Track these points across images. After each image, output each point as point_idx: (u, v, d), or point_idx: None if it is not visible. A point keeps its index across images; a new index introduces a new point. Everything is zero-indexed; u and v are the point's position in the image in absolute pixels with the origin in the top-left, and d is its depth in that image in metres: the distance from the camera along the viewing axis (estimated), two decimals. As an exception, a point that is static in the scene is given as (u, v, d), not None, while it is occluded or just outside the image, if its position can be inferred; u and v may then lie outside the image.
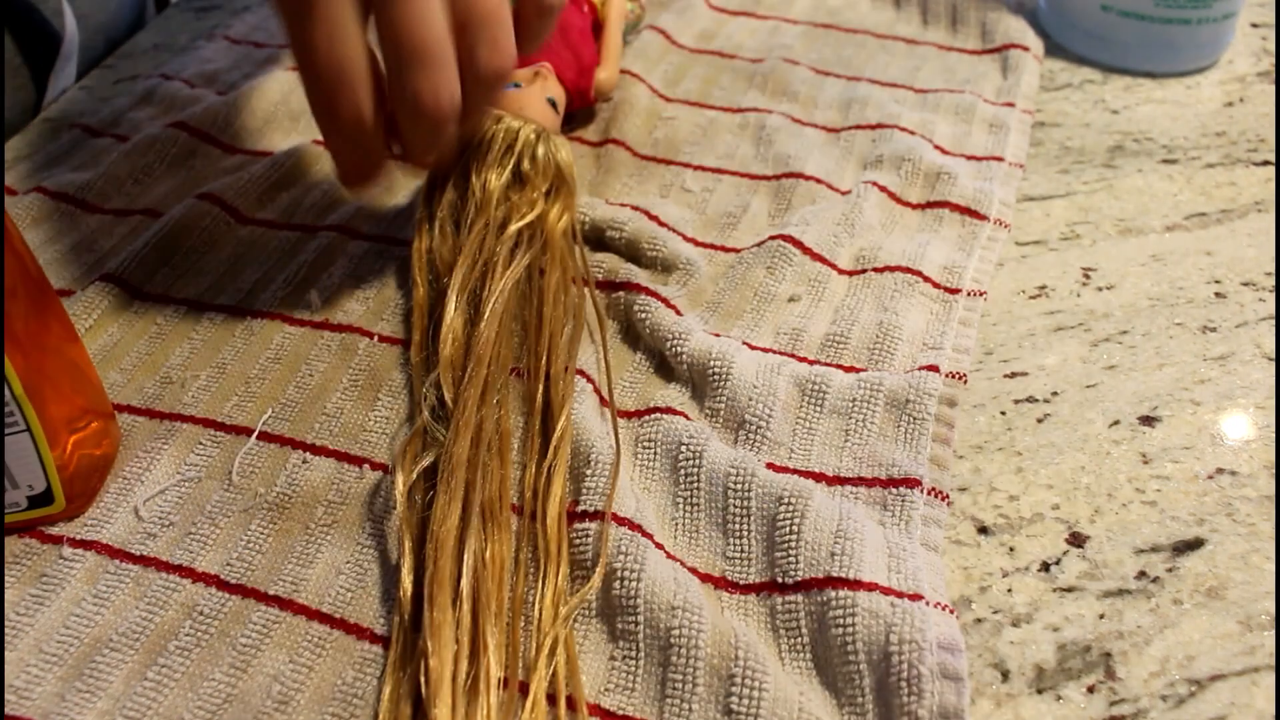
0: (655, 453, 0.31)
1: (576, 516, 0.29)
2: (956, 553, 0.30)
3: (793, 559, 0.28)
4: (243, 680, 0.26)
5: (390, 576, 0.28)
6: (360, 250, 0.39)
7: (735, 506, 0.30)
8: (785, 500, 0.29)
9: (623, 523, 0.29)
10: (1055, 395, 0.35)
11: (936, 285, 0.38)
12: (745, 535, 0.29)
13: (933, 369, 0.33)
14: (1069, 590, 0.29)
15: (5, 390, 0.27)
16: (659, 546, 0.29)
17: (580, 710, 0.25)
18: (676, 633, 0.26)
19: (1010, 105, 0.48)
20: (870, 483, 0.31)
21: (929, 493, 0.30)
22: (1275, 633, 0.28)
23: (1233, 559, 0.30)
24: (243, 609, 0.27)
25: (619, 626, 0.27)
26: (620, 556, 0.28)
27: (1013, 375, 0.36)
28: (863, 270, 0.38)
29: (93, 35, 0.54)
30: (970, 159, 0.45)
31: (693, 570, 0.29)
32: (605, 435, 0.31)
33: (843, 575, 0.27)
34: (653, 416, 0.32)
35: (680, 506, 0.30)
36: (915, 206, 0.42)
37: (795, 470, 0.31)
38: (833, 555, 0.27)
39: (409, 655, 0.26)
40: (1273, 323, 0.37)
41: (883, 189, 0.42)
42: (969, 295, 0.37)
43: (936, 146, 0.45)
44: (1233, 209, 0.43)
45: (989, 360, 0.36)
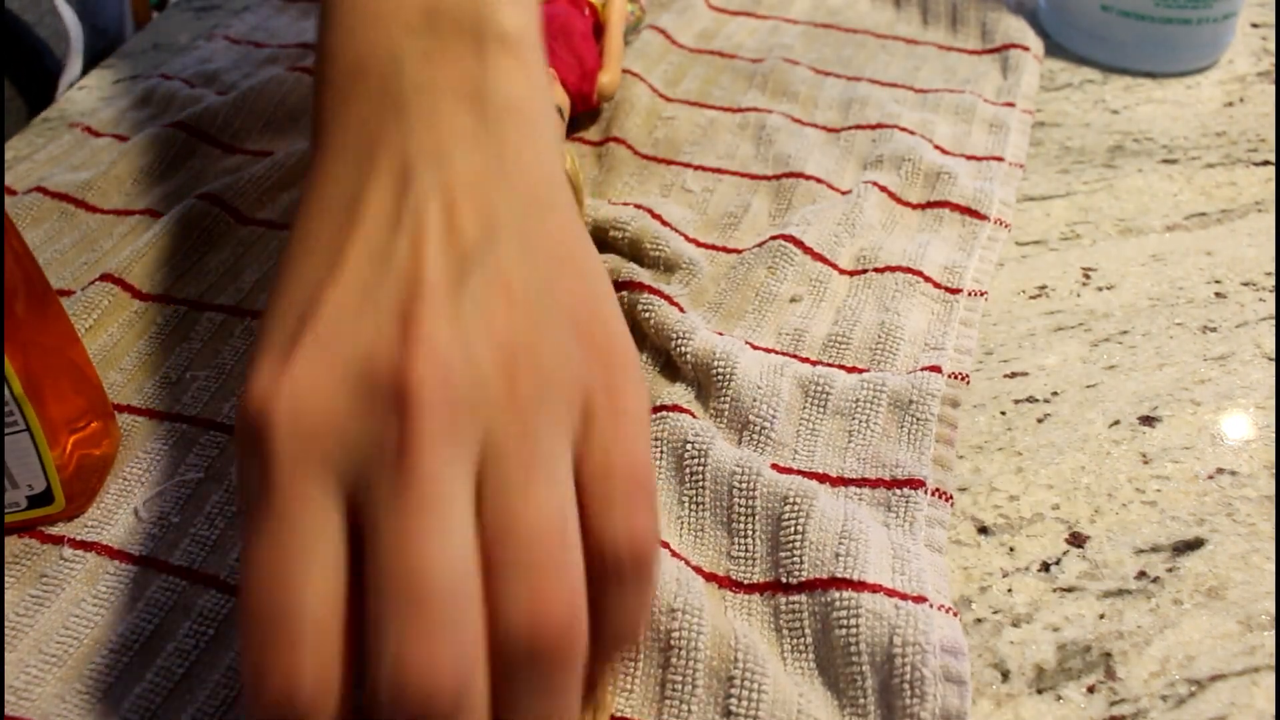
0: (661, 451, 0.31)
1: None
2: (956, 553, 0.30)
3: (797, 559, 0.28)
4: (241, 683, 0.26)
5: None
6: (360, 250, 0.39)
7: (740, 506, 0.30)
8: (790, 500, 0.29)
9: None
10: (1055, 395, 0.35)
11: (937, 285, 0.38)
12: (750, 535, 0.29)
13: (935, 369, 0.33)
14: (1069, 590, 0.29)
15: (5, 390, 0.27)
16: (664, 545, 0.29)
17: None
18: (676, 634, 0.26)
19: (1010, 105, 0.48)
20: (874, 483, 0.31)
21: (932, 493, 0.30)
22: (1275, 633, 0.28)
23: (1233, 559, 0.30)
24: None
25: None
26: None
27: (1013, 375, 0.36)
28: (863, 270, 0.38)
29: (87, 31, 0.54)
30: (970, 159, 0.45)
31: (697, 569, 0.29)
32: None
33: (847, 576, 0.27)
34: (659, 415, 0.32)
35: (685, 505, 0.30)
36: (915, 206, 0.42)
37: (799, 471, 0.31)
38: (837, 556, 0.27)
39: None
40: (1273, 323, 0.37)
41: (883, 189, 0.42)
42: (970, 295, 0.37)
43: (936, 146, 0.45)
44: (1233, 209, 0.43)
45: (989, 360, 0.36)
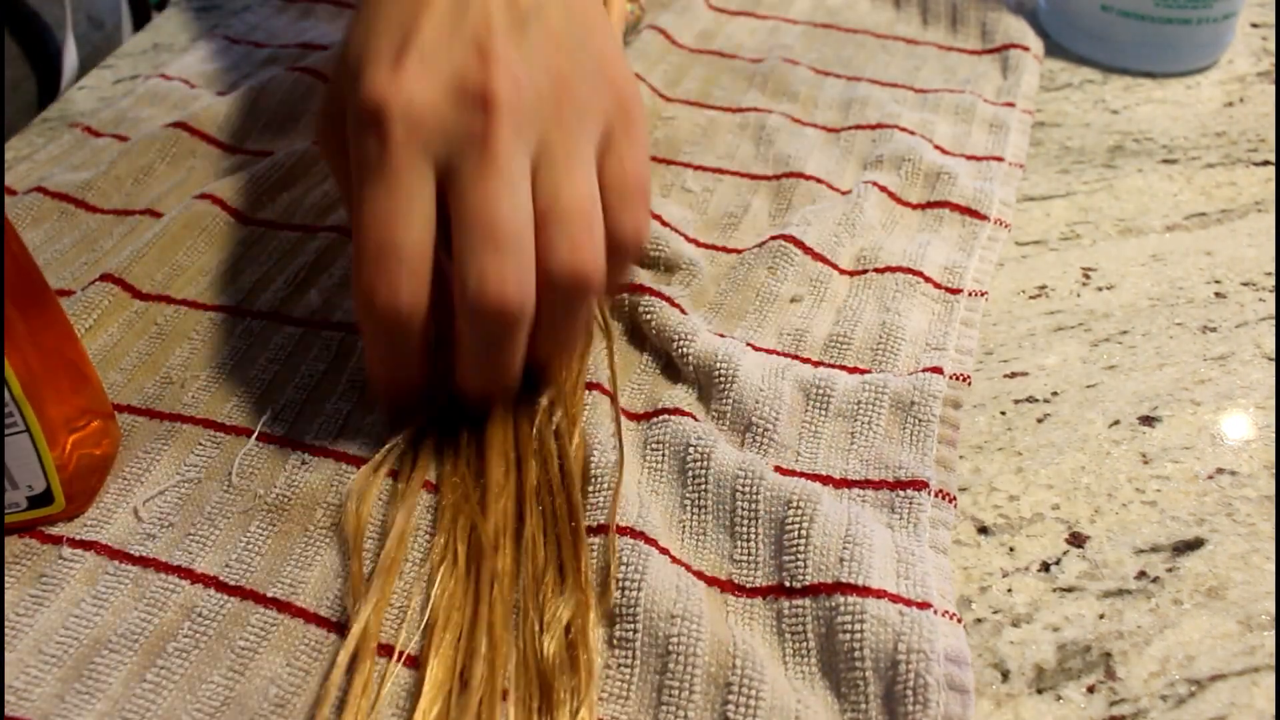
0: (663, 455, 0.31)
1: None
2: (956, 553, 0.30)
3: (801, 563, 0.28)
4: (240, 683, 0.26)
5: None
6: (360, 250, 0.39)
7: (743, 509, 0.29)
8: (794, 504, 0.29)
9: (624, 532, 0.29)
10: (1055, 395, 0.35)
11: (938, 286, 0.38)
12: (753, 538, 0.29)
13: (937, 370, 0.33)
14: (1069, 590, 0.29)
15: (5, 390, 0.27)
16: (664, 551, 0.28)
17: None
18: (675, 640, 0.26)
19: (1010, 105, 0.48)
20: (877, 485, 0.30)
21: (936, 494, 0.30)
22: (1275, 633, 0.28)
23: (1233, 559, 0.30)
24: (241, 611, 0.27)
25: (616, 634, 0.27)
26: (622, 567, 0.28)
27: (1013, 375, 0.35)
28: (864, 270, 0.38)
29: (74, 15, 0.54)
30: (970, 159, 0.45)
31: (699, 573, 0.29)
32: (611, 449, 0.31)
33: (852, 581, 0.27)
34: (660, 418, 0.32)
35: (688, 509, 0.30)
36: (915, 206, 0.42)
37: (802, 473, 0.31)
38: (841, 561, 0.27)
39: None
40: (1273, 323, 0.37)
41: (883, 189, 0.42)
42: (970, 295, 0.37)
43: (936, 146, 0.45)
44: (1233, 209, 0.43)
45: (989, 360, 0.36)
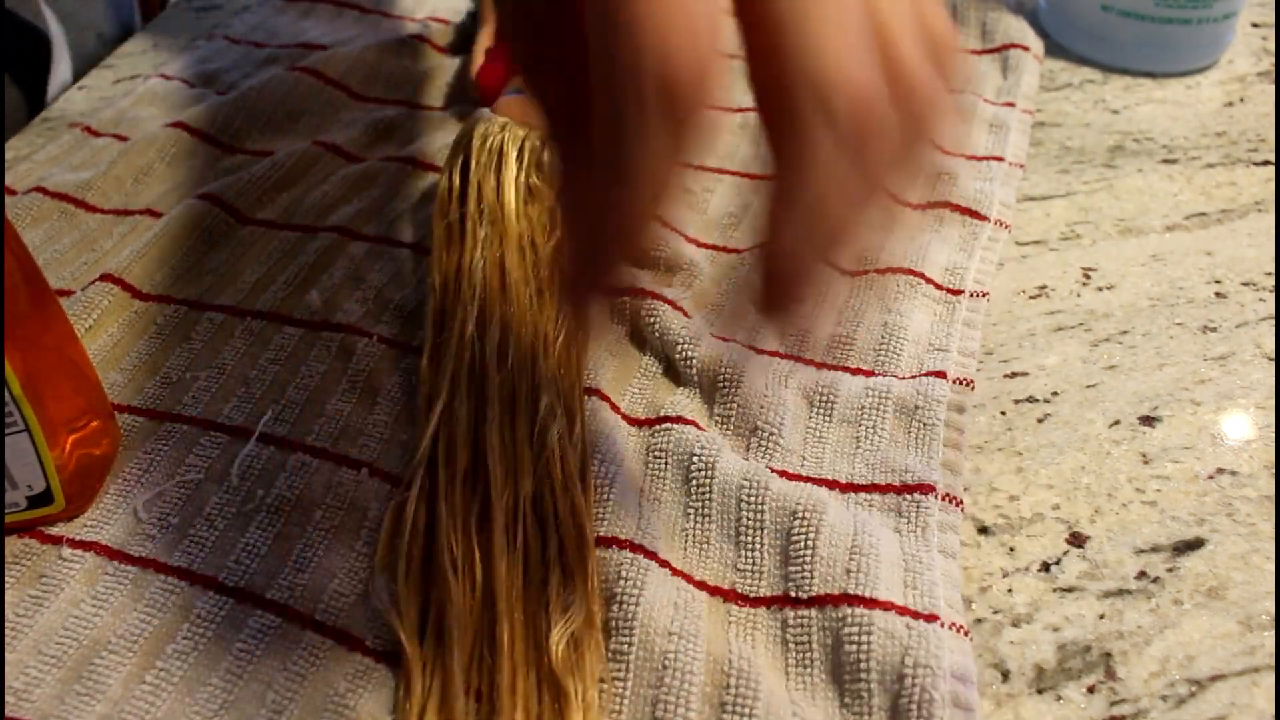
0: (666, 462, 0.31)
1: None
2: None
3: (807, 574, 0.28)
4: (239, 686, 0.26)
5: (386, 586, 0.28)
6: (360, 251, 0.39)
7: (748, 518, 0.29)
8: (799, 514, 0.29)
9: (624, 545, 0.28)
10: (1055, 395, 0.35)
11: (939, 286, 0.38)
12: (757, 547, 0.29)
13: (940, 374, 0.33)
14: (1069, 590, 0.29)
15: (4, 390, 0.27)
16: (664, 564, 0.28)
17: None
18: (672, 657, 0.26)
19: (1010, 105, 0.48)
20: (884, 489, 0.30)
21: (943, 498, 0.30)
22: (1275, 633, 0.28)
23: (1233, 559, 0.30)
24: (240, 613, 0.27)
25: (611, 647, 0.27)
26: (620, 581, 0.27)
27: (1013, 375, 0.35)
28: (864, 271, 0.38)
29: (82, 32, 0.54)
30: (970, 159, 0.45)
31: (701, 583, 0.28)
32: (614, 459, 0.31)
33: (859, 593, 0.27)
34: (664, 426, 0.32)
35: (691, 517, 0.30)
36: (915, 207, 0.42)
37: (808, 478, 0.31)
38: (849, 572, 0.27)
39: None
40: (1273, 323, 0.37)
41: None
42: (972, 296, 0.37)
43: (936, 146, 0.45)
44: (1233, 209, 0.43)
45: (989, 360, 0.36)
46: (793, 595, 0.28)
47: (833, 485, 0.31)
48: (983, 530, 0.31)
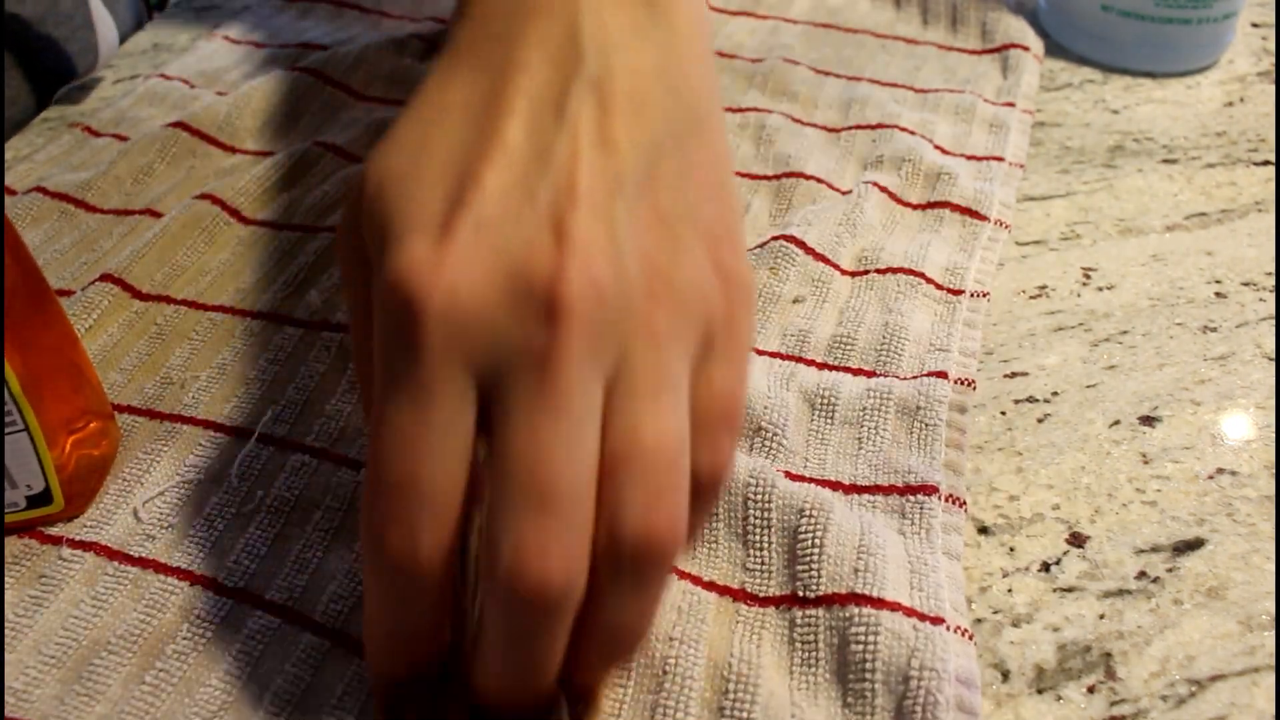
0: None
1: None
2: (956, 553, 0.30)
3: (815, 573, 0.28)
4: (238, 688, 0.26)
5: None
6: (360, 251, 0.39)
7: (755, 518, 0.29)
8: (807, 512, 0.29)
9: None
10: (1055, 395, 0.35)
11: (939, 287, 0.38)
12: (766, 547, 0.29)
13: (941, 375, 0.33)
14: (1069, 590, 0.29)
15: (4, 390, 0.26)
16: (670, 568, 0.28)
17: None
18: (672, 662, 0.26)
19: (1010, 105, 0.48)
20: (887, 490, 0.30)
21: (946, 499, 0.30)
22: (1275, 633, 0.28)
23: (1233, 559, 0.30)
24: (239, 614, 0.27)
25: None
26: None
27: (1013, 375, 0.35)
28: (865, 271, 0.38)
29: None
30: (970, 159, 0.45)
31: (710, 584, 0.28)
32: None
33: (866, 593, 0.27)
34: None
35: None
36: (916, 207, 0.42)
37: (812, 479, 0.31)
38: (856, 571, 0.27)
39: None
40: (1273, 323, 0.37)
41: (883, 189, 0.42)
42: (972, 296, 0.37)
43: (937, 146, 0.45)
44: (1233, 209, 0.43)
45: (989, 360, 0.36)
46: (800, 594, 0.27)
47: (836, 487, 0.31)
48: (983, 530, 0.31)
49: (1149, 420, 0.34)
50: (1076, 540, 0.30)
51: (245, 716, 0.25)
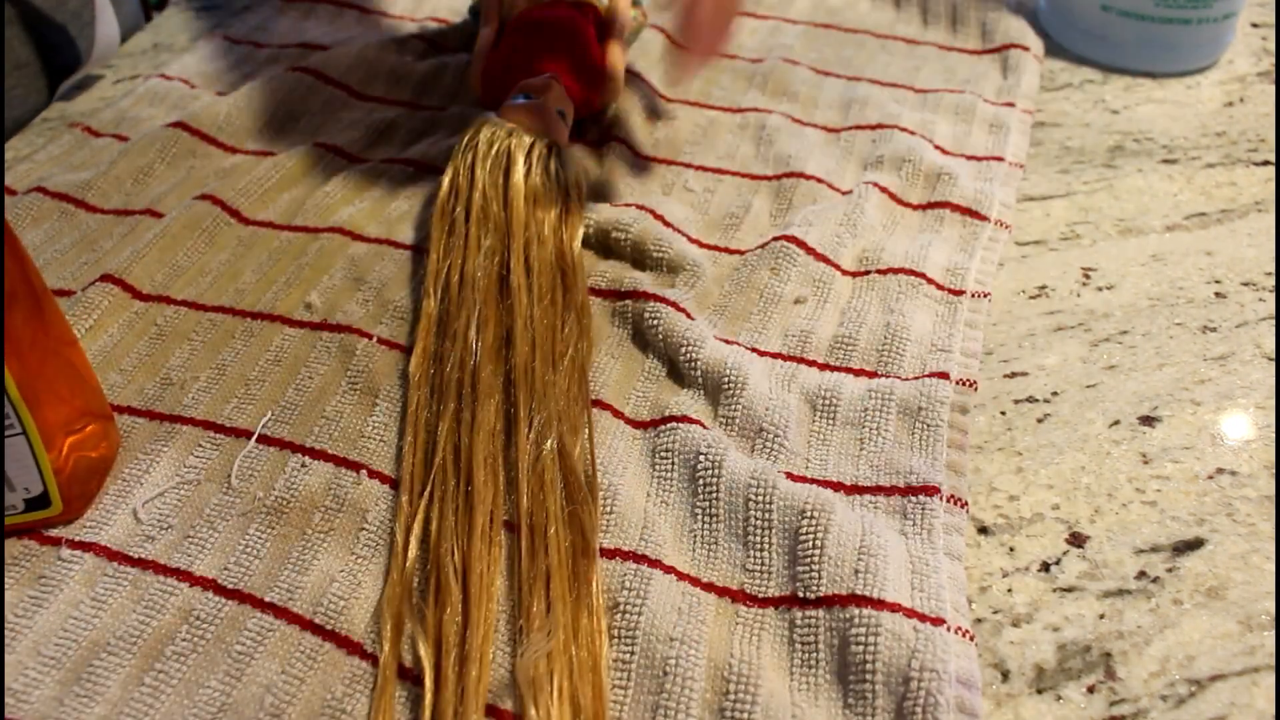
0: (673, 463, 0.31)
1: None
2: (956, 553, 0.30)
3: (815, 574, 0.28)
4: (237, 689, 0.26)
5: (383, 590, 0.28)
6: (360, 251, 0.39)
7: (756, 518, 0.29)
8: (808, 513, 0.29)
9: (626, 557, 0.28)
10: (1055, 395, 0.35)
11: (940, 287, 0.38)
12: (766, 547, 0.29)
13: (943, 376, 0.33)
14: (1069, 590, 0.29)
15: (2, 393, 0.26)
16: (669, 570, 0.28)
17: None
18: (673, 662, 0.26)
19: (1010, 105, 0.48)
20: (889, 491, 0.30)
21: (947, 500, 0.30)
22: (1275, 633, 0.28)
23: (1233, 559, 0.30)
24: (238, 615, 0.27)
25: (612, 656, 0.27)
26: (624, 591, 0.27)
27: (1013, 375, 0.35)
28: (866, 272, 0.38)
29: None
30: (970, 159, 0.45)
31: (709, 584, 0.28)
32: (617, 468, 0.31)
33: (867, 594, 0.27)
34: (669, 426, 0.32)
35: (699, 518, 0.30)
36: (916, 207, 0.42)
37: (814, 480, 0.31)
38: (857, 572, 0.27)
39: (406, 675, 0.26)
40: (1273, 323, 0.37)
41: (883, 189, 0.42)
42: (973, 297, 0.37)
43: (937, 147, 0.45)
44: (1233, 209, 0.43)
45: (989, 360, 0.36)
46: (801, 595, 0.27)
47: (838, 487, 0.31)
48: (983, 530, 0.31)
49: (1149, 420, 0.34)
50: (1076, 540, 0.30)
51: (245, 717, 0.25)
